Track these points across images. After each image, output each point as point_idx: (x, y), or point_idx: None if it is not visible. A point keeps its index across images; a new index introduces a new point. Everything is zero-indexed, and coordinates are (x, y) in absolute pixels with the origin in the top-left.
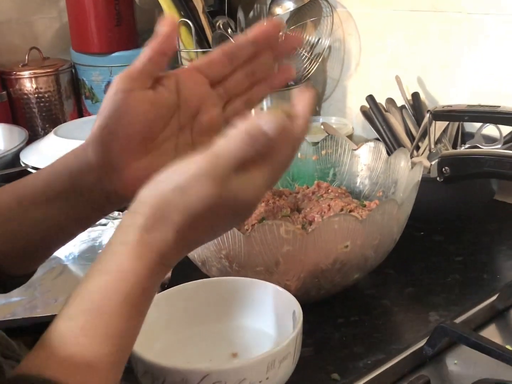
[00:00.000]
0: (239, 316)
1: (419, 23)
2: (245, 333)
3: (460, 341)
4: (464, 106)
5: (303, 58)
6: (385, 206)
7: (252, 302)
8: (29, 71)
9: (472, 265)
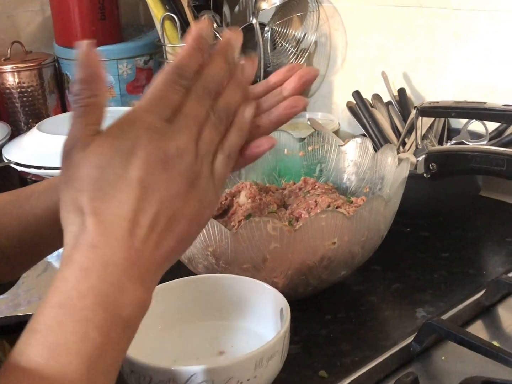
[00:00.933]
0: (226, 313)
1: (405, 18)
2: (232, 331)
3: (447, 337)
4: (451, 102)
5: (289, 53)
6: (372, 203)
7: (239, 299)
8: (11, 65)
9: (459, 261)
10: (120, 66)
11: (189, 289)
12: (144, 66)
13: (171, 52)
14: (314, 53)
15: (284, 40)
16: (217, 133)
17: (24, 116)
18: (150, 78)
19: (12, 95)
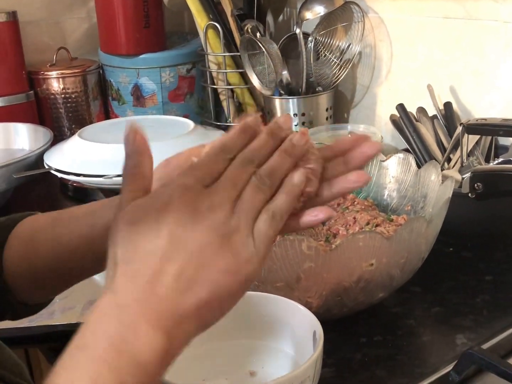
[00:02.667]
0: (258, 333)
1: (453, 30)
2: (263, 351)
3: (488, 369)
4: (499, 120)
5: (332, 64)
6: (413, 223)
7: (272, 319)
8: (56, 71)
9: (503, 285)
10: (163, 74)
11: None
12: (186, 74)
13: (214, 61)
14: (358, 64)
15: (328, 50)
16: (260, 194)
17: (67, 121)
18: (192, 86)
19: (56, 101)
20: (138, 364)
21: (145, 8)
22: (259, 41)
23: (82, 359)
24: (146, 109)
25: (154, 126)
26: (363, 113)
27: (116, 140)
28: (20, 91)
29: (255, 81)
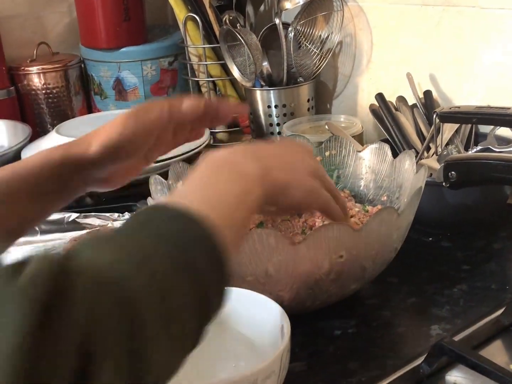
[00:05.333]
0: (228, 327)
1: (431, 18)
2: (233, 345)
3: (458, 360)
4: (472, 108)
5: (313, 54)
6: (382, 214)
7: (241, 313)
8: (37, 67)
9: (481, 274)
10: (145, 67)
11: None
12: (168, 67)
13: (194, 53)
14: (339, 53)
15: (308, 40)
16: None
17: (49, 117)
18: (175, 79)
19: (37, 97)
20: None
21: (124, 1)
22: (238, 32)
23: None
24: (128, 103)
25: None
26: (345, 103)
27: None
28: (0, 88)
29: (236, 73)
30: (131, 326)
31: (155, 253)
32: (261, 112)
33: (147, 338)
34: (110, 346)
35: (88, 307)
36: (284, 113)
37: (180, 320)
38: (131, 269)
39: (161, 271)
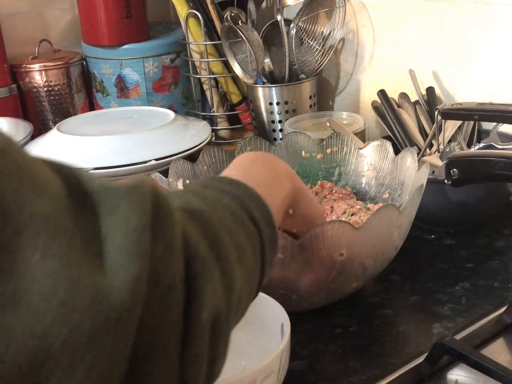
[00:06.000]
0: None
1: (434, 14)
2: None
3: (459, 359)
4: (474, 104)
5: (315, 51)
6: (383, 212)
7: None
8: (39, 64)
9: (484, 272)
10: (146, 65)
11: None
12: (170, 64)
13: (196, 50)
14: (341, 50)
15: (310, 37)
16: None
17: (51, 115)
18: (177, 76)
19: (39, 94)
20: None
21: None
22: (239, 29)
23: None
24: (130, 100)
25: (135, 117)
26: (347, 100)
27: (94, 132)
28: (2, 85)
29: (237, 70)
30: (217, 251)
31: (221, 201)
32: (263, 109)
33: (231, 264)
34: (208, 267)
35: (185, 227)
36: (286, 110)
37: (246, 257)
38: (208, 207)
39: (228, 216)
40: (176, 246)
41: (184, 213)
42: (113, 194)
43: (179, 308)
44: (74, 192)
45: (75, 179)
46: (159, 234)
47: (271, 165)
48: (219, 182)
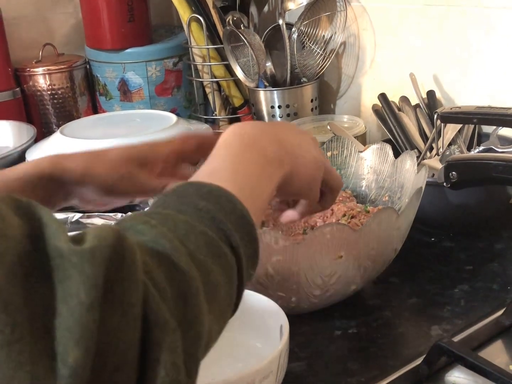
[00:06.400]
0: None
1: (434, 18)
2: (231, 345)
3: (457, 361)
4: (473, 108)
5: (316, 54)
6: (381, 215)
7: (240, 312)
8: (42, 68)
9: (483, 275)
10: (149, 68)
11: None
12: (173, 68)
13: (198, 53)
14: (342, 53)
15: (312, 41)
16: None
17: (55, 118)
18: (179, 80)
19: (43, 97)
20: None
21: (129, 2)
22: (241, 33)
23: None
24: (133, 104)
25: (138, 120)
26: (349, 103)
27: (98, 136)
28: (6, 89)
29: (239, 73)
30: (184, 301)
31: (195, 229)
32: (264, 112)
33: (199, 305)
34: (169, 313)
35: (149, 275)
36: (287, 113)
37: (218, 295)
38: (179, 243)
39: (202, 245)
40: (134, 314)
41: (151, 257)
42: (68, 261)
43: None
44: (34, 250)
45: (40, 231)
46: (115, 302)
47: (264, 155)
48: (197, 195)
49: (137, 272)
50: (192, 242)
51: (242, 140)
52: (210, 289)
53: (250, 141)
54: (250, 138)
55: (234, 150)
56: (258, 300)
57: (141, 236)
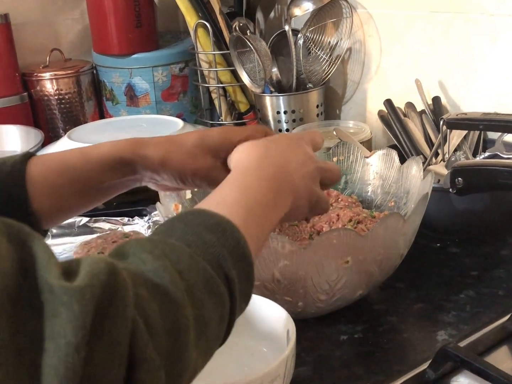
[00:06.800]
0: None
1: (440, 24)
2: (238, 349)
3: (463, 366)
4: (479, 114)
5: (322, 60)
6: (388, 220)
7: (247, 317)
8: (50, 73)
9: (488, 281)
10: (156, 74)
11: None
12: (179, 73)
13: (204, 59)
14: (348, 59)
15: (318, 46)
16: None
17: (62, 123)
18: (185, 85)
19: (50, 102)
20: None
21: (136, 8)
22: (247, 39)
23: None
24: (139, 109)
25: (144, 125)
26: (354, 109)
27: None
28: (14, 93)
29: (245, 79)
30: (175, 336)
31: (198, 264)
32: (270, 117)
33: (188, 341)
34: (155, 351)
35: (141, 311)
36: (293, 118)
37: (208, 331)
38: (179, 277)
39: (200, 281)
40: (119, 352)
41: (148, 289)
42: (57, 298)
43: None
44: (24, 283)
45: (30, 262)
46: (102, 340)
47: (275, 179)
48: (205, 226)
49: (127, 309)
50: (192, 277)
51: (258, 165)
52: (201, 325)
53: (264, 167)
54: (264, 166)
55: (247, 179)
56: (264, 304)
57: (143, 265)
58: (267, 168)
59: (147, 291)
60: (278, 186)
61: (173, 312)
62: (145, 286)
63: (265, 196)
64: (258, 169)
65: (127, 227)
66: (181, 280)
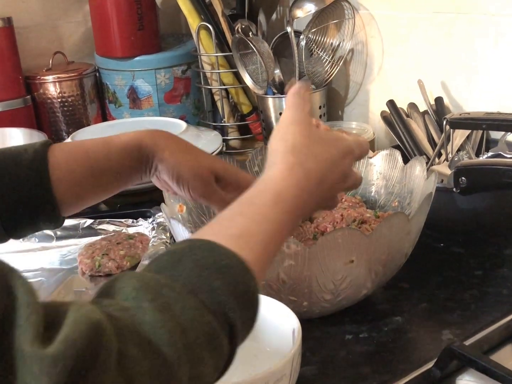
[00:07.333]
0: None
1: (443, 25)
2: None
3: (468, 364)
4: (482, 114)
5: (324, 62)
6: (392, 220)
7: None
8: (53, 76)
9: (492, 280)
10: (158, 76)
11: None
12: (182, 76)
13: (207, 61)
14: (350, 61)
15: (320, 48)
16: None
17: (65, 125)
18: (188, 87)
19: (53, 105)
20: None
21: (138, 11)
22: (250, 41)
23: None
24: (142, 111)
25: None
26: (357, 110)
27: None
28: (17, 96)
29: (248, 81)
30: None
31: (202, 318)
32: (273, 119)
33: None
34: None
35: (125, 373)
36: None
37: (204, 379)
38: (180, 333)
39: (202, 335)
40: None
41: (142, 346)
42: (28, 366)
43: None
44: (3, 334)
45: (10, 318)
46: None
47: (297, 207)
48: (215, 268)
49: (108, 372)
50: (194, 331)
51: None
52: (196, 382)
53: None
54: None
55: (265, 209)
56: (270, 304)
57: (142, 315)
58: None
59: (138, 349)
60: (301, 214)
61: (164, 374)
62: (137, 343)
63: (286, 226)
64: (273, 194)
65: (131, 228)
66: (182, 336)
